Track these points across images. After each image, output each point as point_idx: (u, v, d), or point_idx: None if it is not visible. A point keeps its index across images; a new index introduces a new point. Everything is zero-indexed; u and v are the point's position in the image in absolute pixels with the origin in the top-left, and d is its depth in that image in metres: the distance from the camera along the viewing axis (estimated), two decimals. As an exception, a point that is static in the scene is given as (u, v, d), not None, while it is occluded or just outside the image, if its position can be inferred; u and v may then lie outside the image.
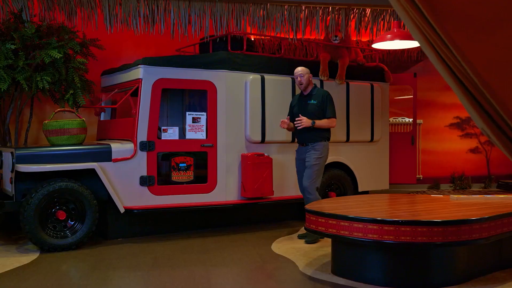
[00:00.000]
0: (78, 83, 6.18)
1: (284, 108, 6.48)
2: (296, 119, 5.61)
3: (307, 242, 5.50)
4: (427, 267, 3.98)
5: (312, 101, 5.67)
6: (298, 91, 6.57)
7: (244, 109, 6.21)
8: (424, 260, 3.98)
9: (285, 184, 6.51)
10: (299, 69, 5.73)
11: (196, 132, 5.91)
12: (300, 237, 5.72)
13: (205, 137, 5.94)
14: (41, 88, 5.91)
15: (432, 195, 5.62)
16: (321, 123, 5.60)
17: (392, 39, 6.14)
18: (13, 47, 5.75)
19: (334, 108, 5.71)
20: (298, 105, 5.78)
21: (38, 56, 5.86)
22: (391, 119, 8.59)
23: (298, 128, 5.59)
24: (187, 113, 5.93)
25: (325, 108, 5.65)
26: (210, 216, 6.34)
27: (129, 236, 5.81)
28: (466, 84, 2.41)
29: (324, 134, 5.67)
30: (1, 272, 4.47)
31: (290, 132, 6.52)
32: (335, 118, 5.71)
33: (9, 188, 5.43)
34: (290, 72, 6.58)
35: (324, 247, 5.22)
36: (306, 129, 5.60)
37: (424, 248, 3.92)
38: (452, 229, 3.76)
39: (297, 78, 5.72)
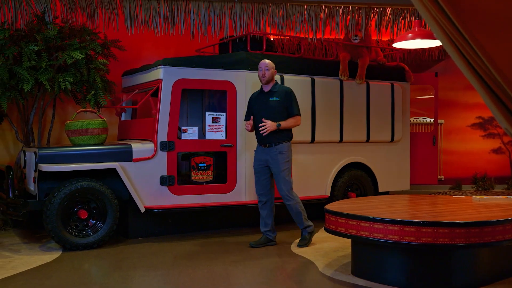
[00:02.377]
0: (99, 83, 6.25)
1: (304, 108, 6.46)
2: (260, 125, 5.22)
3: (299, 246, 5.40)
4: (448, 269, 3.93)
5: (275, 98, 5.27)
6: (318, 91, 6.56)
7: (264, 109, 6.20)
8: (446, 262, 3.93)
9: (305, 184, 6.48)
10: (266, 62, 5.32)
11: (215, 132, 5.93)
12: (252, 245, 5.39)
13: (224, 137, 5.96)
14: (64, 88, 5.99)
15: (454, 196, 5.55)
16: (287, 123, 5.24)
17: (413, 38, 6.07)
18: (36, 48, 5.84)
19: (298, 105, 5.36)
20: (259, 103, 5.36)
21: (60, 57, 5.94)
22: (412, 119, 8.51)
23: (263, 134, 5.21)
24: (207, 113, 5.94)
25: (289, 105, 5.27)
26: (230, 216, 6.36)
27: (149, 235, 5.85)
28: (489, 83, 2.38)
29: (288, 134, 5.33)
30: (25, 269, 4.54)
31: (310, 132, 6.51)
32: (300, 115, 5.35)
33: (32, 187, 5.51)
34: (310, 72, 6.58)
35: (344, 248, 5.19)
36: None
37: (446, 249, 3.87)
38: (475, 230, 3.71)
39: (261, 70, 5.29)
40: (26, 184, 5.85)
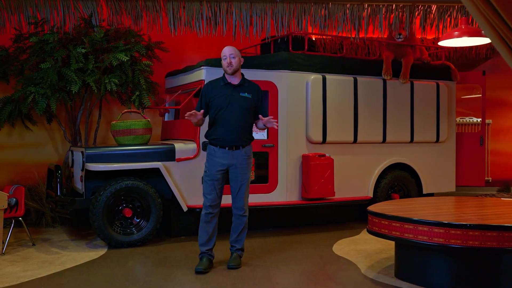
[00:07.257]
0: (143, 84, 6.37)
1: (346, 109, 6.40)
2: (274, 120, 4.52)
3: (230, 267, 4.62)
4: (496, 273, 3.81)
5: (246, 94, 4.57)
6: (361, 91, 6.48)
7: (305, 110, 6.18)
8: (494, 266, 3.81)
9: (347, 185, 6.42)
10: (230, 48, 4.54)
11: (257, 133, 5.93)
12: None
13: (266, 138, 5.96)
14: (109, 90, 6.14)
15: (502, 199, 5.38)
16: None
17: (459, 36, 5.91)
18: (83, 51, 6.01)
19: None
20: (224, 96, 4.52)
21: (106, 59, 6.09)
22: (458, 119, 8.30)
23: (276, 128, 4.63)
24: (249, 113, 5.95)
25: (261, 106, 4.65)
26: (271, 216, 6.36)
27: (191, 234, 5.91)
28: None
29: (252, 136, 4.72)
30: (72, 266, 4.68)
31: (352, 133, 6.43)
32: None
33: (79, 186, 5.67)
34: (352, 71, 6.51)
35: (387, 250, 5.11)
36: (239, 128, 4.53)
37: (494, 253, 3.75)
38: (525, 234, 3.58)
39: (225, 58, 4.50)
40: (74, 183, 6.02)
